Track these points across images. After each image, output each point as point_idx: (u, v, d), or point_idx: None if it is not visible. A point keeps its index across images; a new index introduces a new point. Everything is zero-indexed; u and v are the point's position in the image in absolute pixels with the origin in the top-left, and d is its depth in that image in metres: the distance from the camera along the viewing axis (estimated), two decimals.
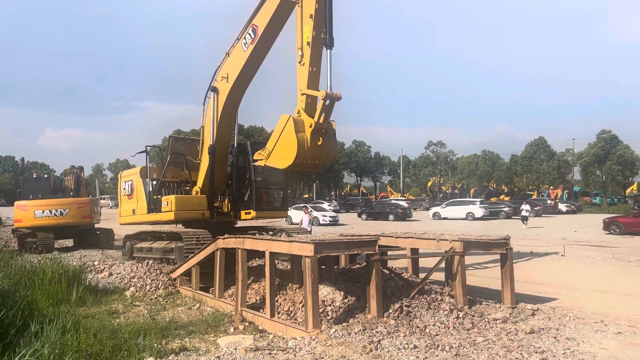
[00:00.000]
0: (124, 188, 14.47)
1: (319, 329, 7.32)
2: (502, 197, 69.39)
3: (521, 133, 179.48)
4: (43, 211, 18.50)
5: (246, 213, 12.63)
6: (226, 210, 12.90)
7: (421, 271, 10.89)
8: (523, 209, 33.55)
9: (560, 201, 58.85)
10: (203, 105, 12.40)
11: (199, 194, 12.75)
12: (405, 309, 8.22)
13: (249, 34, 10.66)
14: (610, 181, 66.01)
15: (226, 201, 12.92)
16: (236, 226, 13.53)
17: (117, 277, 12.42)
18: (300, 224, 20.15)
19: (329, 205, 51.72)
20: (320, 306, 7.84)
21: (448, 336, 7.38)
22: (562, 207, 53.66)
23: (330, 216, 38.84)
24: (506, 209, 45.36)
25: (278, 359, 6.41)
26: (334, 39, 8.82)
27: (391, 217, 42.21)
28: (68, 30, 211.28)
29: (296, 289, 9.26)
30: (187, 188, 13.28)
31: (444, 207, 45.96)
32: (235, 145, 13.07)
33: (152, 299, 10.88)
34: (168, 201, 12.45)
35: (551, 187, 71.00)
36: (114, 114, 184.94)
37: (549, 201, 54.66)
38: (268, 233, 12.45)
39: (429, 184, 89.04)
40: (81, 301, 9.94)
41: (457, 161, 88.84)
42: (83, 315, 8.83)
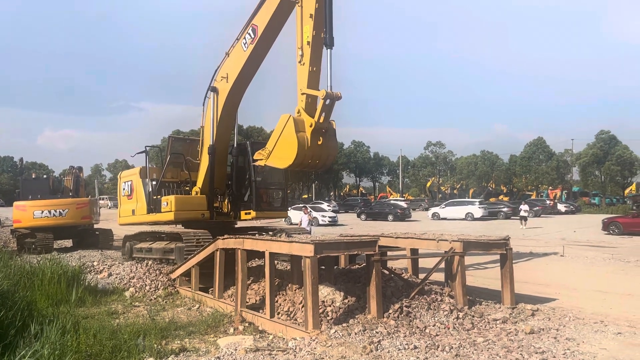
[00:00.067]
0: (124, 188, 14.46)
1: (319, 330, 7.32)
2: (501, 198, 69.39)
3: (520, 133, 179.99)
4: (42, 211, 18.49)
5: (246, 213, 12.62)
6: (226, 210, 12.89)
7: (421, 271, 10.89)
8: (522, 209, 33.54)
9: (559, 201, 58.88)
10: (203, 105, 12.40)
11: (199, 194, 12.75)
12: (405, 310, 8.22)
13: (249, 34, 10.66)
14: (609, 181, 66.10)
15: (226, 201, 12.91)
16: (236, 226, 13.52)
17: (117, 278, 12.40)
18: (299, 224, 20.14)
19: (328, 205, 51.71)
20: (320, 307, 7.83)
21: (448, 336, 7.38)
22: (561, 208, 53.70)
23: (329, 216, 38.83)
24: (505, 210, 45.37)
25: None
26: (334, 39, 8.82)
27: (390, 218, 42.22)
28: (67, 30, 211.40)
29: (296, 290, 9.25)
30: (187, 188, 13.27)
31: (443, 208, 45.98)
32: (235, 145, 13.07)
33: (152, 300, 10.87)
34: (168, 201, 12.44)
35: (550, 188, 71.04)
36: (113, 114, 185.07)
37: (548, 201, 54.70)
38: (268, 233, 12.46)
39: (428, 184, 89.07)
40: (80, 302, 9.93)
41: (456, 161, 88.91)
42: (82, 315, 8.82)
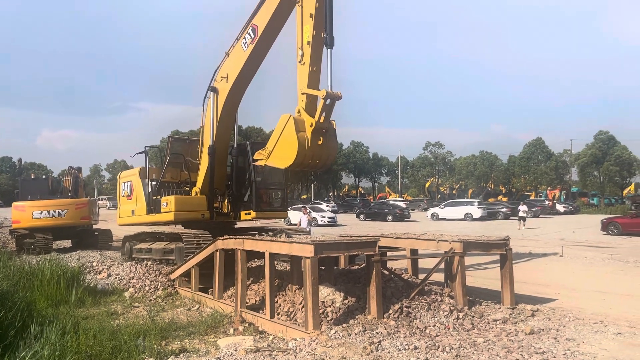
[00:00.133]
0: (123, 189, 14.43)
1: (319, 330, 7.32)
2: (500, 198, 69.47)
3: (519, 134, 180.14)
4: (41, 212, 18.46)
5: (246, 214, 12.61)
6: (226, 210, 12.87)
7: (420, 272, 10.89)
8: (520, 210, 33.47)
9: (558, 202, 58.95)
10: (202, 105, 12.38)
11: (199, 195, 12.73)
12: (405, 310, 8.22)
13: (249, 34, 10.64)
14: (607, 182, 66.24)
15: (226, 202, 12.89)
16: (236, 227, 13.51)
17: (116, 278, 12.39)
18: (298, 225, 20.12)
19: (327, 206, 51.71)
20: (320, 307, 7.83)
21: (448, 337, 7.38)
22: (560, 208, 53.74)
23: (328, 217, 38.82)
24: (504, 210, 45.37)
25: None
26: (334, 38, 8.81)
27: (389, 218, 42.23)
28: (66, 30, 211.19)
29: (296, 290, 9.25)
30: (187, 189, 13.26)
31: (442, 208, 45.99)
32: (235, 145, 13.06)
33: (151, 300, 10.86)
34: (167, 202, 12.42)
35: (549, 188, 71.11)
36: (112, 115, 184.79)
37: (547, 202, 54.74)
38: (268, 234, 12.45)
39: (427, 185, 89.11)
40: (80, 302, 9.92)
41: (455, 162, 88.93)
42: (82, 316, 8.81)
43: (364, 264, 9.63)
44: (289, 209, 30.13)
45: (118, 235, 21.07)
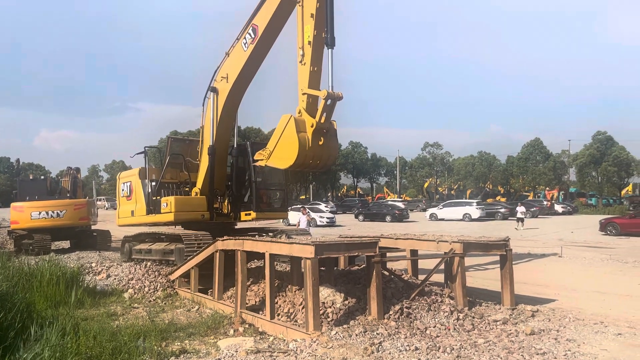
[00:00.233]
0: (123, 189, 14.39)
1: (320, 331, 7.31)
2: (499, 198, 69.56)
3: (518, 134, 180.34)
4: (40, 213, 18.42)
5: (246, 214, 12.58)
6: (226, 211, 12.83)
7: (420, 273, 10.90)
8: (518, 211, 33.39)
9: (556, 202, 59.04)
10: (202, 105, 12.33)
11: (199, 195, 12.70)
12: (405, 311, 8.22)
13: (249, 34, 10.60)
14: (605, 182, 66.32)
15: (226, 202, 12.85)
16: (236, 227, 13.49)
17: (115, 279, 12.37)
18: (297, 225, 20.09)
19: (326, 206, 51.72)
20: (320, 308, 7.82)
21: (449, 338, 7.37)
22: (558, 208, 53.79)
23: (327, 217, 38.82)
24: (503, 210, 45.41)
25: None
26: (335, 39, 8.79)
27: (388, 218, 42.24)
28: (65, 30, 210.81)
29: (296, 291, 9.24)
30: (187, 189, 13.22)
31: (441, 208, 46.01)
32: (235, 146, 13.03)
33: (151, 301, 10.85)
34: (167, 202, 12.39)
35: (547, 188, 71.23)
36: (110, 115, 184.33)
37: (545, 202, 54.82)
38: (268, 234, 12.44)
39: (426, 185, 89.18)
40: (79, 303, 9.90)
41: (454, 162, 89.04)
42: (82, 317, 8.79)
43: (364, 265, 9.63)
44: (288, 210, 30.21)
45: (117, 235, 21.04)
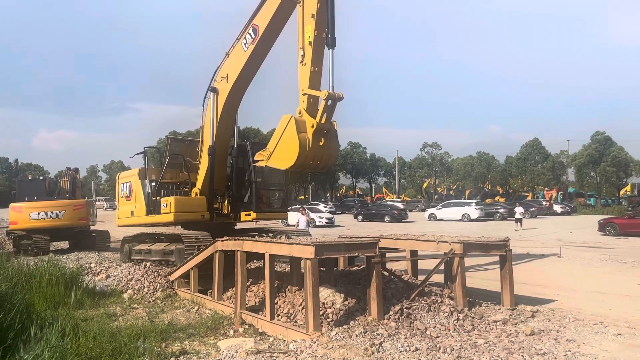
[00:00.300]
0: (122, 190, 14.36)
1: (320, 332, 7.30)
2: (497, 199, 69.63)
3: (516, 134, 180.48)
4: (38, 213, 18.37)
5: (246, 214, 12.57)
6: (226, 211, 12.81)
7: (420, 273, 10.90)
8: (517, 212, 33.33)
9: (555, 202, 59.09)
10: (202, 105, 12.31)
11: (199, 196, 12.68)
12: (405, 311, 8.22)
13: (249, 34, 10.59)
14: (604, 182, 66.41)
15: (226, 203, 12.83)
16: (236, 228, 13.48)
17: (115, 280, 12.34)
18: (296, 226, 20.06)
19: (325, 206, 51.71)
20: (320, 308, 7.81)
21: (449, 338, 7.38)
22: (557, 209, 53.84)
23: (326, 218, 38.82)
24: (501, 210, 45.48)
25: None
26: (336, 39, 8.78)
27: (387, 219, 42.25)
28: (63, 30, 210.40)
29: (295, 291, 9.24)
30: (187, 189, 13.20)
31: (440, 209, 46.04)
32: (234, 146, 13.01)
33: (150, 302, 10.83)
34: (167, 203, 12.37)
35: (546, 189, 71.29)
36: (109, 115, 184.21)
37: (544, 202, 54.88)
38: (268, 235, 12.42)
39: (425, 186, 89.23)
40: (79, 304, 9.87)
41: (453, 162, 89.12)
42: (81, 318, 8.76)
43: (364, 265, 9.63)
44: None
45: (116, 236, 21.01)
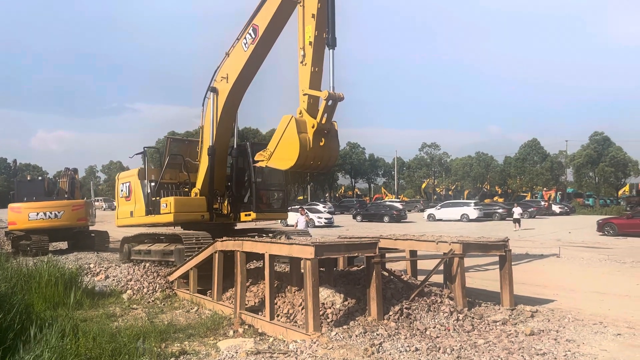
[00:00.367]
0: (122, 190, 14.33)
1: (320, 332, 7.30)
2: (496, 199, 69.69)
3: (515, 135, 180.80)
4: (37, 213, 18.34)
5: (246, 215, 12.55)
6: (226, 212, 12.79)
7: (420, 273, 10.90)
8: (515, 212, 33.31)
9: (553, 202, 59.13)
10: (202, 105, 12.29)
11: (198, 196, 12.66)
12: (405, 312, 8.22)
13: (250, 34, 10.56)
14: (603, 183, 66.53)
15: (226, 203, 12.81)
16: (236, 228, 13.46)
17: (114, 280, 12.32)
18: (295, 226, 20.04)
19: (324, 207, 51.69)
20: (320, 309, 7.81)
21: (449, 338, 7.38)
22: (556, 209, 53.88)
23: (325, 218, 38.81)
24: (500, 211, 45.50)
25: None
26: (336, 39, 8.76)
27: (386, 219, 42.25)
28: (62, 30, 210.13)
29: (295, 292, 9.24)
30: (186, 190, 13.18)
31: (439, 209, 46.07)
32: (234, 146, 12.99)
33: (150, 302, 10.81)
34: (167, 203, 12.34)
35: (544, 189, 71.37)
36: (107, 116, 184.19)
37: (543, 203, 54.92)
38: (268, 235, 12.42)
39: (423, 186, 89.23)
40: (78, 304, 9.85)
41: (451, 163, 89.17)
42: (81, 318, 8.75)
43: (363, 266, 9.63)
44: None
45: (115, 236, 20.98)
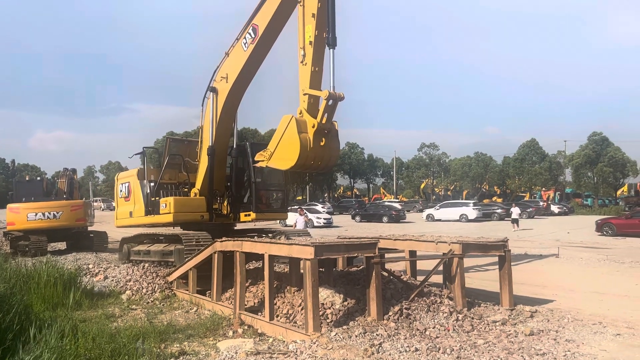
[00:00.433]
0: (121, 190, 14.31)
1: (320, 332, 7.29)
2: (495, 199, 69.76)
3: (514, 135, 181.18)
4: (36, 214, 18.31)
5: (246, 215, 12.52)
6: (225, 212, 12.77)
7: (419, 274, 10.91)
8: (513, 212, 33.30)
9: (552, 203, 59.20)
10: (202, 105, 12.25)
11: (198, 196, 12.64)
12: (405, 312, 8.21)
13: (249, 34, 10.53)
14: (601, 183, 66.60)
15: (225, 203, 12.79)
16: (235, 228, 13.45)
17: (113, 281, 12.30)
18: (294, 226, 20.05)
19: (323, 207, 51.67)
20: (319, 309, 7.81)
21: (448, 339, 7.37)
22: (554, 209, 53.96)
23: (324, 218, 38.82)
24: (499, 211, 45.58)
25: None
26: (337, 38, 8.73)
27: (385, 219, 42.28)
28: (60, 31, 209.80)
29: (294, 292, 9.23)
30: (186, 190, 13.16)
31: (438, 209, 46.11)
32: (234, 146, 12.97)
33: (149, 303, 10.80)
34: (166, 203, 12.32)
35: (543, 189, 71.44)
36: (106, 116, 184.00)
37: (541, 203, 54.99)
38: (268, 236, 12.41)
39: (422, 186, 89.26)
40: (77, 305, 9.84)
41: (450, 163, 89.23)
42: (80, 319, 8.73)
43: (363, 266, 9.63)
44: None
45: (113, 237, 20.96)
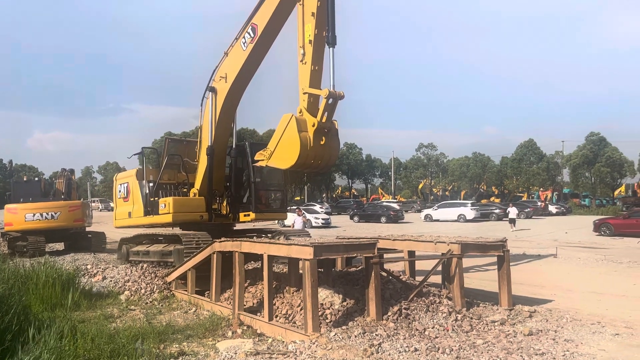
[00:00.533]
0: (120, 190, 14.28)
1: (319, 333, 7.30)
2: (493, 199, 69.87)
3: (512, 135, 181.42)
4: (34, 214, 18.26)
5: (245, 215, 12.51)
6: (225, 212, 12.75)
7: (418, 274, 10.91)
8: (510, 212, 33.30)
9: (550, 203, 59.32)
10: (201, 105, 12.23)
11: (197, 196, 12.62)
12: (404, 312, 8.22)
13: (249, 33, 10.51)
14: (599, 183, 66.78)
15: (224, 203, 12.77)
16: (235, 228, 13.43)
17: (111, 281, 12.27)
18: (292, 227, 20.04)
19: (321, 207, 51.64)
20: (319, 309, 7.81)
21: (448, 339, 7.38)
22: (552, 209, 54.08)
23: (322, 218, 38.81)
24: (497, 211, 45.64)
25: None
26: (337, 37, 8.72)
27: (383, 219, 42.27)
28: (58, 31, 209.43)
29: (294, 292, 9.23)
30: (185, 190, 13.14)
31: (436, 209, 46.13)
32: (233, 146, 12.95)
33: (148, 303, 10.78)
34: (166, 203, 12.29)
35: (541, 189, 71.60)
36: (104, 116, 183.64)
37: (539, 203, 55.09)
38: (267, 236, 12.40)
39: (420, 186, 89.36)
40: (76, 305, 9.81)
41: (448, 163, 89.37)
42: (79, 319, 8.72)
43: (362, 266, 9.63)
44: None
45: (111, 237, 20.92)
